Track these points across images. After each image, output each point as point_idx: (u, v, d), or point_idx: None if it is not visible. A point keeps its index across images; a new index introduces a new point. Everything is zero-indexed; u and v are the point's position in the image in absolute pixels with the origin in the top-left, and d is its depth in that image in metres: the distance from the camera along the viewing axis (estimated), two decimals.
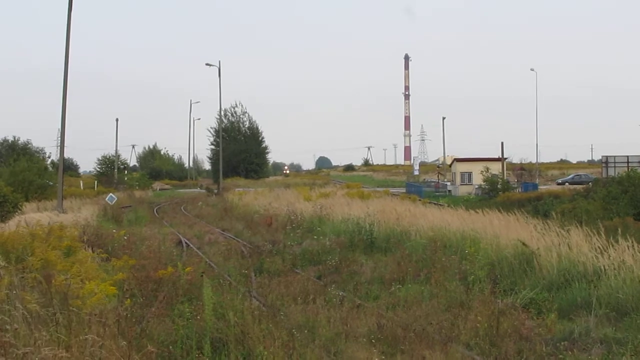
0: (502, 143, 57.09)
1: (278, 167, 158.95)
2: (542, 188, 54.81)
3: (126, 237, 19.84)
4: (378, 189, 55.51)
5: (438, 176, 76.83)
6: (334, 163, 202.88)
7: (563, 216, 21.18)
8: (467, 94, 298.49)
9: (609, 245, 12.97)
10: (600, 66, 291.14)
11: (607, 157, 59.17)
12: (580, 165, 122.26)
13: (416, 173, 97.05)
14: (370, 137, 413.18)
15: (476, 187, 56.41)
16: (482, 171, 53.26)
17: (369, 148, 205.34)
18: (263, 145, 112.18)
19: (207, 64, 71.02)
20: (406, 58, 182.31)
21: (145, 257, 14.88)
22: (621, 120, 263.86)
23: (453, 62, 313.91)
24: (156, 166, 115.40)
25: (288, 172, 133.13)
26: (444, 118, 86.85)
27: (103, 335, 7.00)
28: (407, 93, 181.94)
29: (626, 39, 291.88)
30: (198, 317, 9.28)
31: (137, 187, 70.67)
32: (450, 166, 70.25)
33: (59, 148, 36.77)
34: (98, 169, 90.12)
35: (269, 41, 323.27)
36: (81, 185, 67.79)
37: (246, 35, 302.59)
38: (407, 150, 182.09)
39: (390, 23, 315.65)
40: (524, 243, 14.64)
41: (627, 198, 25.54)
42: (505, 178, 53.05)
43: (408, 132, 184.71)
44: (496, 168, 54.90)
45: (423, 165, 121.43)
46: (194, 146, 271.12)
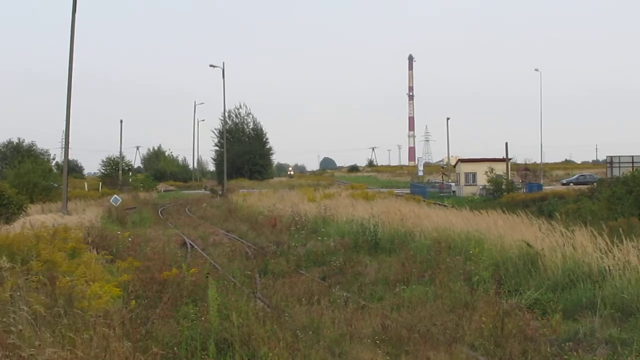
0: (507, 143, 56.94)
1: (282, 168, 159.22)
2: (547, 188, 54.71)
3: (131, 239, 19.90)
4: (382, 190, 55.43)
5: (442, 177, 76.74)
6: (338, 164, 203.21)
7: (567, 217, 21.10)
8: (471, 95, 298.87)
9: (614, 245, 12.94)
10: (604, 66, 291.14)
11: (612, 157, 59.02)
12: (584, 165, 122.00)
13: (420, 174, 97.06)
14: (374, 138, 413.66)
15: (480, 188, 56.31)
16: (487, 172, 53.23)
17: (373, 149, 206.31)
18: (267, 146, 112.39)
19: (211, 65, 71.07)
20: (410, 59, 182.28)
21: (149, 259, 14.92)
22: (626, 120, 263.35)
23: (457, 63, 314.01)
24: (160, 167, 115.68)
25: (292, 173, 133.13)
26: (448, 119, 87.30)
27: (108, 336, 7.02)
28: (411, 94, 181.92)
29: (630, 39, 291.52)
30: (203, 319, 9.30)
31: (142, 189, 70.73)
32: (454, 167, 70.15)
33: (64, 150, 36.88)
34: (102, 171, 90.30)
35: (272, 41, 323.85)
36: (86, 186, 68.00)
37: (246, 35, 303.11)
38: (412, 151, 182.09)
39: (394, 24, 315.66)
40: (529, 244, 14.60)
41: (632, 198, 25.44)
42: (509, 178, 52.91)
43: (412, 133, 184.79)
44: (500, 168, 54.79)
45: (427, 165, 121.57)
46: (199, 147, 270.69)
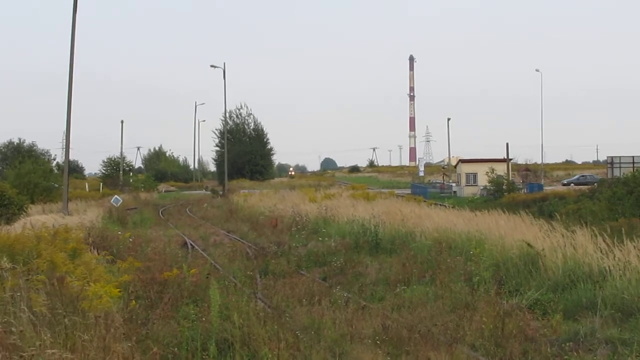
0: (507, 144, 56.86)
1: (283, 169, 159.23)
2: (548, 189, 54.67)
3: (131, 239, 19.90)
4: (383, 190, 55.41)
5: (443, 177, 76.69)
6: (339, 164, 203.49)
7: (568, 217, 21.10)
8: (472, 95, 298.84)
9: (614, 245, 12.94)
10: (605, 66, 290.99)
11: (613, 158, 58.99)
12: (585, 165, 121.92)
13: (421, 174, 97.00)
14: (375, 139, 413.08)
15: (481, 188, 56.28)
16: (487, 172, 53.21)
17: (374, 149, 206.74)
18: (268, 146, 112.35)
19: (212, 66, 71.13)
20: (411, 59, 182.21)
21: (150, 259, 14.91)
22: (627, 120, 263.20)
23: (457, 63, 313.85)
24: (161, 168, 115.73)
25: (293, 174, 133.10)
26: (449, 119, 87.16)
27: (108, 337, 7.02)
28: (412, 94, 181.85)
29: (630, 39, 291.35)
30: (203, 319, 9.30)
31: (143, 189, 70.80)
32: (455, 167, 70.11)
33: (65, 150, 36.90)
34: (103, 171, 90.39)
35: (272, 41, 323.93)
36: (86, 187, 68.07)
37: (246, 35, 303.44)
38: (412, 151, 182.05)
39: (394, 24, 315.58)
40: (529, 244, 14.60)
41: (633, 199, 25.45)
42: (510, 179, 52.89)
43: (413, 133, 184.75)
44: (501, 169, 54.75)
45: (428, 166, 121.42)
46: (199, 148, 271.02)
